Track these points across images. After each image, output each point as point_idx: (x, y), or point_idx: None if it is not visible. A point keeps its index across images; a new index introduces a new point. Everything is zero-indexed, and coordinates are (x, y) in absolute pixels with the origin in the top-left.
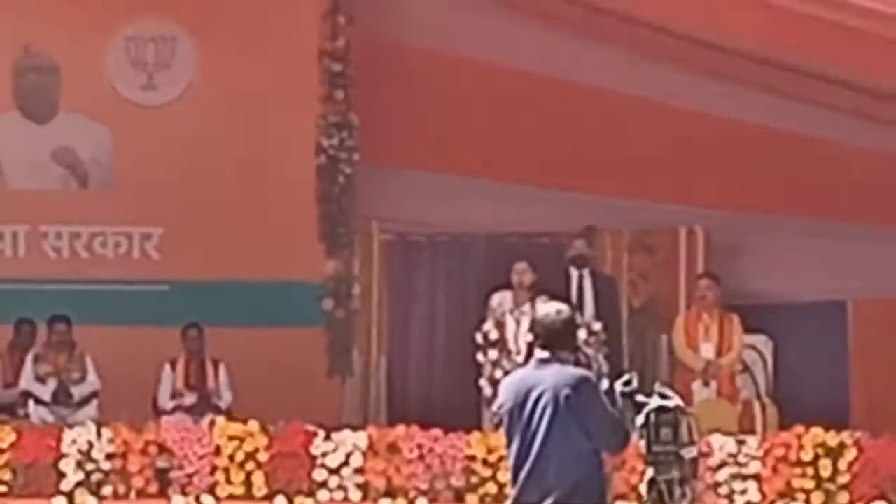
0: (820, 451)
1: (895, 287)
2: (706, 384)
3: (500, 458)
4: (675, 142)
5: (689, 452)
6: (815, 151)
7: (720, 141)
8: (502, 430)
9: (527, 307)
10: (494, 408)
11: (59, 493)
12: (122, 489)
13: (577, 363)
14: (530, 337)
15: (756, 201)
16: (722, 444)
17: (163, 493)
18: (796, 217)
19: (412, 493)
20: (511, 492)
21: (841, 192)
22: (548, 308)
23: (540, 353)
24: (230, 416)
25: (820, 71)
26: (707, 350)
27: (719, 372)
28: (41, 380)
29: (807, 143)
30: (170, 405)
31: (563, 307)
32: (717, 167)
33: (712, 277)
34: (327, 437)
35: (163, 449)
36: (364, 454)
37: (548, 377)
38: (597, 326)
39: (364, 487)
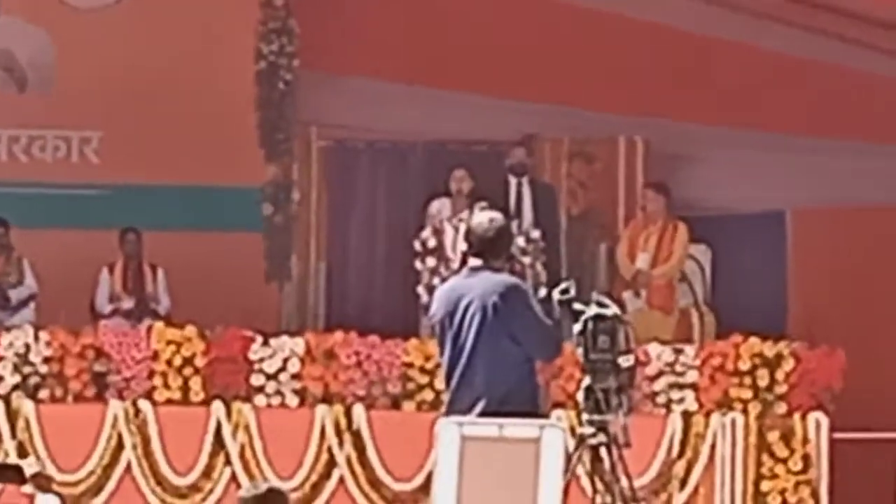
0: (757, 360)
1: (834, 197)
2: (637, 294)
3: (437, 366)
4: (617, 51)
5: (626, 361)
6: (756, 62)
7: (662, 51)
8: (435, 338)
9: (465, 214)
10: (429, 316)
11: None
12: (59, 393)
13: (511, 272)
14: (465, 246)
15: (696, 112)
16: (659, 353)
17: (100, 397)
18: (735, 128)
19: (349, 400)
20: (445, 398)
21: (779, 104)
22: (481, 217)
23: (472, 262)
24: (168, 320)
25: None
26: (642, 260)
27: (650, 282)
28: None
29: (747, 54)
30: (107, 309)
31: (497, 216)
32: (659, 77)
33: (656, 187)
34: (265, 343)
35: (100, 353)
36: (301, 360)
37: (477, 285)
38: (535, 234)
39: (301, 393)
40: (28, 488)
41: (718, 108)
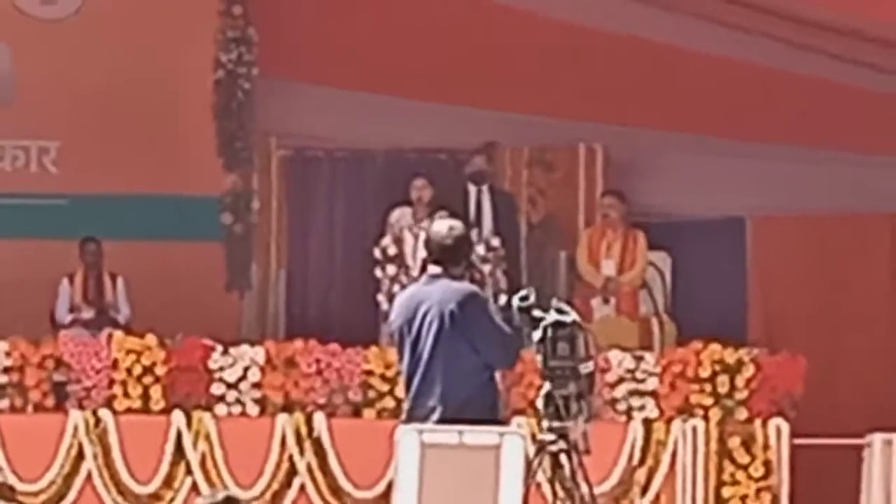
0: (718, 367)
1: (793, 205)
2: (606, 301)
3: (398, 374)
4: (576, 59)
5: (585, 367)
6: (715, 69)
7: (619, 58)
8: (395, 346)
9: (425, 223)
10: (388, 323)
11: None
12: (19, 402)
13: (471, 280)
14: (425, 253)
15: (655, 119)
16: (620, 360)
17: (60, 406)
18: (695, 134)
19: (310, 408)
20: (405, 406)
21: (740, 110)
22: (441, 225)
23: (432, 269)
24: (128, 330)
25: None
26: (608, 267)
27: (619, 289)
28: None
29: (707, 62)
30: (67, 319)
31: (457, 224)
32: (617, 84)
33: (616, 195)
34: (225, 352)
35: (60, 363)
36: (262, 368)
37: (435, 293)
38: (495, 242)
39: (262, 402)
40: None
41: (677, 115)
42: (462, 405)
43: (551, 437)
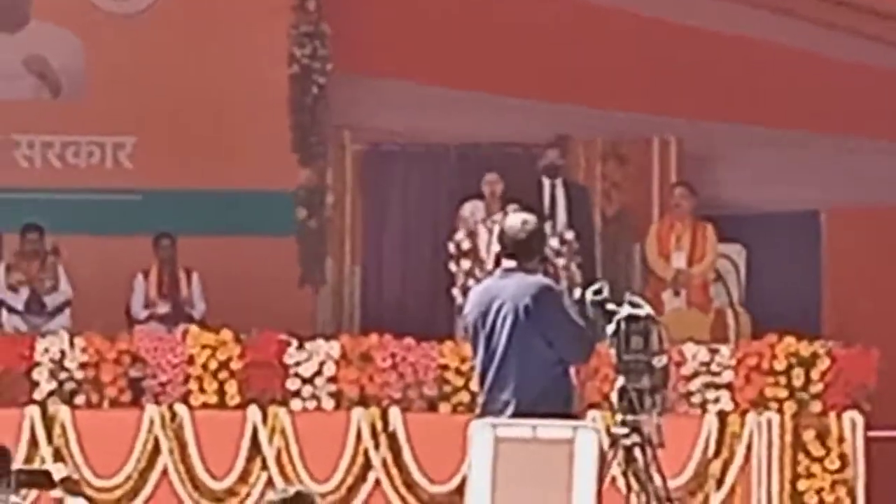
0: (793, 360)
1: (868, 197)
2: (676, 293)
3: (473, 368)
4: (649, 51)
5: (659, 361)
6: (791, 62)
7: (694, 51)
8: (469, 340)
9: (498, 217)
10: (462, 317)
11: (32, 401)
12: (95, 398)
13: (545, 273)
14: (498, 247)
15: (730, 111)
16: (695, 353)
17: (136, 402)
18: (769, 127)
19: (385, 402)
20: (479, 400)
21: (815, 103)
22: (514, 219)
23: (506, 263)
24: (203, 325)
25: None
26: (678, 259)
27: (690, 281)
28: (13, 289)
29: (782, 54)
30: (143, 314)
31: (530, 218)
32: (691, 77)
33: (688, 186)
34: (300, 347)
35: (136, 358)
36: (337, 363)
37: (509, 287)
38: (569, 236)
39: (337, 396)
40: (57, 492)
41: (752, 108)
42: (536, 399)
43: (625, 430)
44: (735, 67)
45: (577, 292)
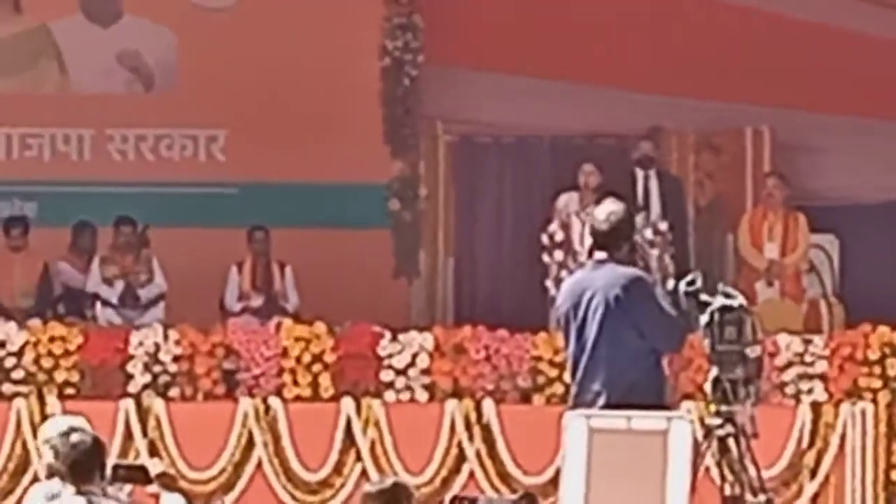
0: (886, 349)
1: None
2: (769, 284)
3: (566, 359)
4: (742, 41)
5: (753, 351)
6: (884, 52)
7: (786, 40)
8: (561, 331)
9: (592, 208)
10: (555, 308)
11: (127, 394)
12: (189, 391)
13: (633, 263)
14: (590, 239)
15: (823, 101)
16: (788, 344)
17: (230, 394)
18: (863, 117)
19: (479, 394)
20: (571, 391)
21: None
22: (599, 210)
23: (597, 255)
24: (297, 317)
25: None
26: (771, 250)
27: (783, 271)
28: (108, 282)
29: (875, 45)
30: (237, 307)
31: (615, 207)
32: (784, 66)
33: (780, 176)
34: (394, 338)
35: (230, 351)
36: (430, 355)
37: (600, 278)
38: (663, 226)
39: (431, 388)
40: (153, 488)
41: (844, 98)
42: (628, 389)
43: (719, 421)
44: (828, 57)
45: (671, 283)
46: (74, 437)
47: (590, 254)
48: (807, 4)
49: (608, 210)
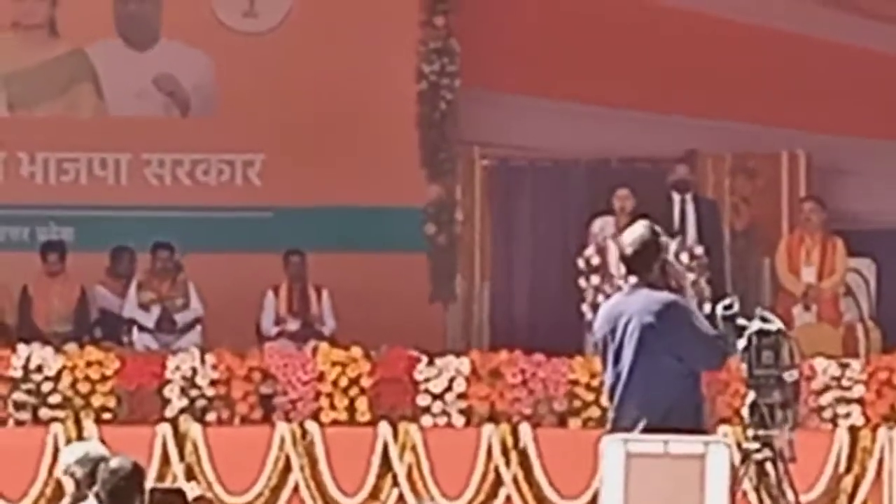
0: None
1: None
2: (807, 308)
3: (602, 383)
4: (777, 65)
5: (790, 376)
6: None
7: (822, 64)
8: (599, 356)
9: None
10: (592, 333)
11: (164, 419)
12: (225, 415)
13: (667, 285)
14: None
15: (859, 125)
16: (825, 368)
17: (267, 419)
18: None
19: (515, 418)
20: (609, 415)
21: None
22: (625, 235)
23: (630, 279)
24: (333, 342)
25: None
26: (808, 274)
27: (820, 296)
28: (145, 307)
29: None
30: (273, 331)
31: (641, 231)
32: (819, 90)
33: (817, 200)
34: (430, 363)
35: (266, 375)
36: (467, 379)
37: (634, 303)
38: (699, 251)
39: (467, 412)
40: None
41: (880, 121)
42: (665, 414)
43: (756, 445)
44: (863, 80)
45: (708, 308)
46: (114, 463)
47: (626, 278)
48: (843, 28)
49: (632, 234)
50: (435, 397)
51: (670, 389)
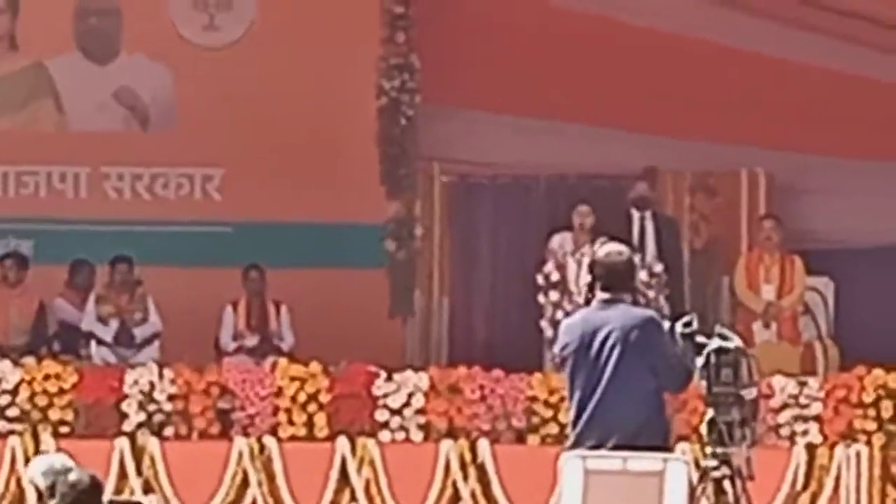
0: (881, 392)
1: None
2: (767, 326)
3: (562, 399)
4: (737, 83)
5: (749, 393)
6: (881, 95)
7: (781, 82)
8: (565, 372)
9: (587, 249)
10: (556, 349)
11: (121, 433)
12: (183, 430)
13: (635, 304)
14: (589, 278)
15: (818, 143)
16: (783, 386)
17: (224, 434)
18: (858, 159)
19: (473, 434)
20: (570, 433)
21: None
22: (609, 248)
23: (602, 294)
24: (292, 357)
25: (880, 14)
26: (768, 292)
27: (780, 314)
28: (103, 320)
29: (871, 86)
30: (231, 346)
31: (624, 248)
32: (779, 109)
33: (776, 219)
34: (389, 378)
35: (225, 390)
36: (426, 395)
37: (615, 317)
38: (658, 268)
39: (426, 428)
40: None
41: (840, 140)
42: (636, 431)
43: (715, 462)
44: (822, 99)
45: (667, 325)
46: (73, 476)
47: (589, 293)
48: (802, 47)
49: (619, 250)
50: (393, 412)
51: (643, 406)
